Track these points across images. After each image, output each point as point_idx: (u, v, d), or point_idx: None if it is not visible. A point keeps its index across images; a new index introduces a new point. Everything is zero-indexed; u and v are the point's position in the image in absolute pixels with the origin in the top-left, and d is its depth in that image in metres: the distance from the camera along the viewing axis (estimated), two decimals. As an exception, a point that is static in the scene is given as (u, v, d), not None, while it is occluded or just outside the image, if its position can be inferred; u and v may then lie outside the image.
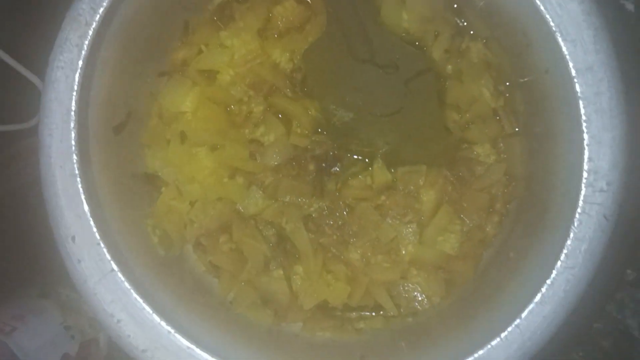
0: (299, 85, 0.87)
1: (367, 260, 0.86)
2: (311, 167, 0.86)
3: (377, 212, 0.84)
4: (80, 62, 0.64)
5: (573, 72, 0.63)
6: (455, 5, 0.86)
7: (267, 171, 0.86)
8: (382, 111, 0.81)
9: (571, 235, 0.63)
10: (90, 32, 0.64)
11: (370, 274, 0.85)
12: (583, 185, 0.63)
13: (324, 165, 0.86)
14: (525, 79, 0.80)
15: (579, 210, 0.63)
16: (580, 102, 0.63)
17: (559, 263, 0.63)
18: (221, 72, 0.87)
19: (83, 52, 0.64)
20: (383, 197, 0.85)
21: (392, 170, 0.86)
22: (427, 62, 0.73)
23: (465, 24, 0.87)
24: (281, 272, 0.86)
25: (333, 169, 0.86)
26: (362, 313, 0.88)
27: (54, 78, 0.64)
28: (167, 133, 0.87)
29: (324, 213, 0.86)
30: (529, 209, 0.82)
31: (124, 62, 0.74)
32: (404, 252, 0.85)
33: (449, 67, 0.86)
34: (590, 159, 0.63)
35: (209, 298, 0.87)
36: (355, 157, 0.86)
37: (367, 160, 0.86)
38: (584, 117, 0.63)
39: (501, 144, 0.86)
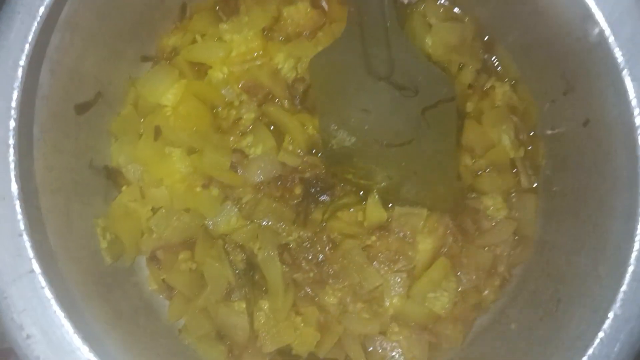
0: (299, 98, 0.79)
1: (344, 307, 0.76)
2: (298, 190, 0.77)
3: (365, 253, 0.75)
4: (42, 9, 0.52)
5: (638, 121, 0.53)
6: (487, 38, 0.79)
7: (247, 187, 0.77)
8: (390, 140, 0.71)
9: (610, 315, 0.52)
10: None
11: (346, 323, 0.76)
12: (633, 259, 0.53)
13: (312, 190, 0.77)
14: (555, 131, 0.72)
15: (624, 288, 0.53)
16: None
17: (590, 350, 0.52)
18: (214, 68, 0.78)
19: (47, -2, 0.53)
20: (374, 238, 0.76)
21: (389, 207, 0.77)
22: (453, 91, 0.64)
23: (495, 60, 0.80)
24: (244, 305, 0.76)
25: (322, 197, 0.77)
26: (329, 366, 0.77)
27: (8, 17, 0.52)
28: (141, 126, 0.78)
29: (304, 245, 0.76)
30: (538, 276, 0.73)
31: (103, 31, 0.65)
32: (387, 303, 0.75)
33: (469, 104, 0.78)
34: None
35: (154, 322, 0.76)
36: (349, 187, 0.77)
37: (361, 193, 0.77)
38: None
39: (514, 199, 0.78)
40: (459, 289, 0.76)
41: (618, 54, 0.55)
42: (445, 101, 0.64)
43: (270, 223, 0.76)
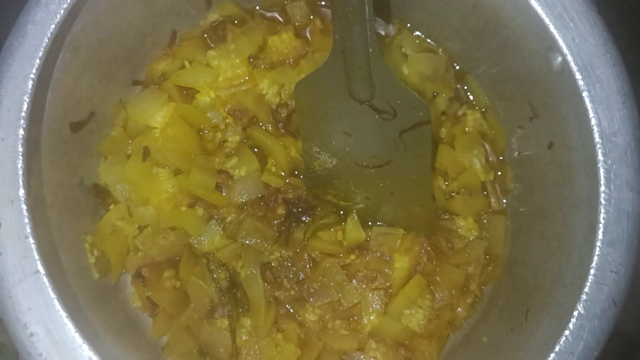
0: (282, 122, 0.81)
1: (324, 324, 0.78)
2: (280, 210, 0.79)
3: (344, 271, 0.77)
4: (53, 27, 0.55)
5: (597, 138, 0.58)
6: (459, 68, 0.83)
7: (231, 207, 0.79)
8: (369, 162, 0.74)
9: (575, 314, 0.56)
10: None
11: (325, 339, 0.77)
12: (594, 264, 0.56)
13: (294, 211, 0.79)
14: (522, 154, 0.76)
15: (586, 290, 0.56)
16: (601, 171, 0.58)
17: (557, 347, 0.56)
18: (201, 92, 0.80)
19: (61, 12, 0.55)
20: (353, 257, 0.79)
21: (368, 226, 0.79)
22: (429, 115, 0.68)
23: (466, 89, 0.84)
24: (226, 322, 0.77)
25: (303, 217, 0.80)
26: (309, 382, 0.78)
27: (22, 33, 0.54)
28: (129, 146, 0.79)
29: (285, 264, 0.78)
30: (508, 292, 0.76)
31: (99, 55, 0.67)
32: (365, 320, 0.78)
33: (443, 130, 0.82)
34: (606, 233, 0.57)
35: (139, 338, 0.77)
36: (330, 208, 0.80)
37: (341, 213, 0.80)
38: (603, 188, 0.57)
39: (485, 220, 0.81)
40: (434, 306, 0.78)
41: (578, 78, 0.59)
42: (422, 124, 0.67)
43: (253, 242, 0.77)
